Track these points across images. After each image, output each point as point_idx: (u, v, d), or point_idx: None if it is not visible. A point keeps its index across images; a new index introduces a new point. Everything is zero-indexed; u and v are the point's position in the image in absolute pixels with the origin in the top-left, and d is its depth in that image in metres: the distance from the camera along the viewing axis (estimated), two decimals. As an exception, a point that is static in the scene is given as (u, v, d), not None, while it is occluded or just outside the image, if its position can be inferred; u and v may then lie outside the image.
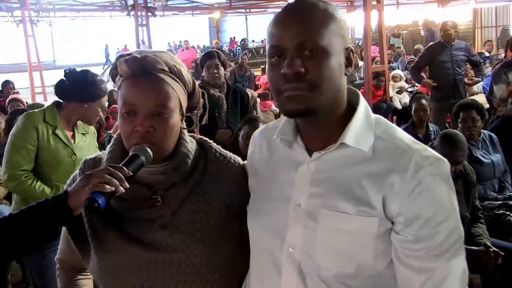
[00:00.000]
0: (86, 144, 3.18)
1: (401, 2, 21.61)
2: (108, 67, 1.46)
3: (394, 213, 1.17)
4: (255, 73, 13.43)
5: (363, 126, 1.24)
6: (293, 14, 1.20)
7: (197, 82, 1.54)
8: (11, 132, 3.03)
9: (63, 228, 1.56)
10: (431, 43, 7.87)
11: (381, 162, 1.20)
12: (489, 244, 3.30)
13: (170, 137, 1.40)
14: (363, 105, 1.28)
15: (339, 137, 1.22)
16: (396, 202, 1.16)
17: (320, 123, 1.26)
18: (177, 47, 29.78)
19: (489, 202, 3.92)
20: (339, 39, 1.20)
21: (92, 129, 3.35)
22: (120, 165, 1.30)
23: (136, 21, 12.12)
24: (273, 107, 9.47)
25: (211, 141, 1.59)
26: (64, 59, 31.50)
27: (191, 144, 1.50)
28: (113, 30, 33.57)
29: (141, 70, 1.35)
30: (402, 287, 1.22)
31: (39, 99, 14.54)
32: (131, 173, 1.29)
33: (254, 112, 5.17)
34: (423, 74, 7.17)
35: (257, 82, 12.38)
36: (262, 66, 15.84)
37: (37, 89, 14.96)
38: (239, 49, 23.90)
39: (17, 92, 8.31)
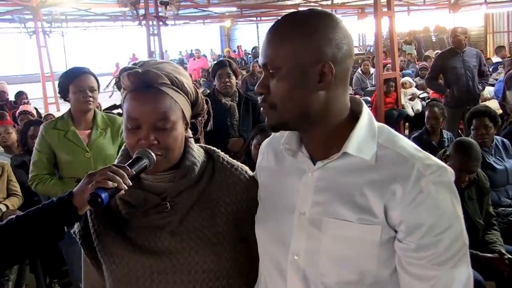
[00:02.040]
0: (106, 139, 3.47)
1: (412, 9, 21.60)
2: (112, 80, 1.49)
3: (396, 222, 1.17)
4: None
5: (365, 135, 1.25)
6: (266, 35, 1.26)
7: (201, 90, 1.57)
8: None
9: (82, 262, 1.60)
10: (443, 50, 7.83)
11: (383, 171, 1.20)
12: (503, 251, 3.27)
13: (175, 147, 1.43)
14: (366, 114, 1.28)
15: (342, 146, 1.23)
16: (398, 211, 1.16)
17: (316, 133, 1.27)
18: (189, 56, 29.91)
19: (503, 208, 3.90)
20: (303, 57, 1.20)
21: (118, 121, 3.57)
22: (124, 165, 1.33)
23: (148, 31, 12.19)
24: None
25: (219, 151, 1.61)
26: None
27: (198, 153, 1.53)
28: (126, 40, 33.79)
29: (143, 84, 1.38)
30: None
31: (52, 109, 14.67)
32: (134, 173, 1.31)
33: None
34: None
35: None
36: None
37: (50, 99, 15.10)
38: (250, 57, 23.94)
39: (28, 102, 8.35)
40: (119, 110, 5.91)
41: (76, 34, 31.17)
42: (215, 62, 4.73)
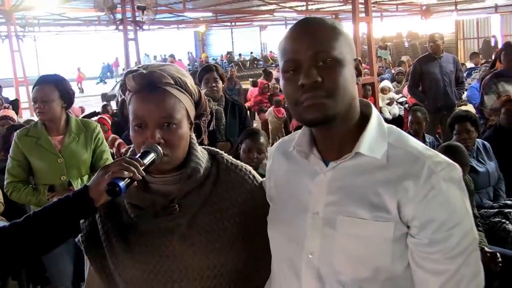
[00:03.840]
0: (79, 144, 3.51)
1: (385, 15, 21.90)
2: (118, 83, 1.51)
3: (409, 218, 1.21)
4: (243, 86, 13.49)
5: (376, 135, 1.29)
6: (304, 28, 1.27)
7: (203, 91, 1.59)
8: None
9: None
10: (421, 55, 7.95)
11: (395, 169, 1.24)
12: (487, 249, 3.33)
13: (180, 146, 1.46)
14: (376, 115, 1.33)
15: (353, 147, 1.27)
16: (411, 207, 1.20)
17: (335, 133, 1.30)
18: (163, 61, 29.73)
19: (485, 210, 3.97)
20: (349, 51, 1.27)
21: (92, 126, 3.62)
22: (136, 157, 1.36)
23: (125, 36, 12.10)
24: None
25: (222, 152, 1.64)
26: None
27: (202, 154, 1.55)
28: (99, 45, 33.52)
29: (148, 85, 1.42)
30: None
31: (26, 114, 14.47)
32: (146, 164, 1.34)
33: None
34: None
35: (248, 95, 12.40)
36: (250, 79, 15.88)
37: (24, 104, 14.88)
38: (225, 62, 23.99)
39: (8, 107, 8.21)
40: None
41: (49, 38, 30.80)
42: (202, 67, 4.73)
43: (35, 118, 3.79)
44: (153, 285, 1.47)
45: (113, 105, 9.29)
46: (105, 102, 10.26)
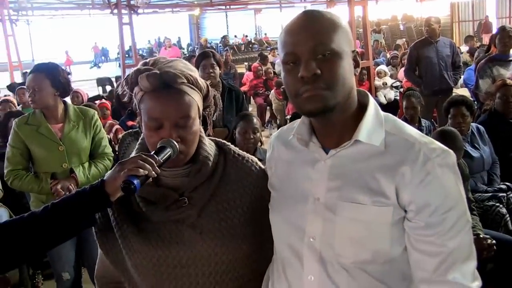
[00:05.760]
0: (79, 132, 3.54)
1: (381, -3, 21.79)
2: (123, 80, 1.53)
3: (406, 202, 1.26)
4: (238, 70, 13.46)
5: (374, 123, 1.34)
6: (303, 22, 1.31)
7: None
8: None
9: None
10: (417, 39, 7.94)
11: (392, 156, 1.29)
12: (482, 235, 3.38)
13: (194, 142, 1.50)
14: (373, 104, 1.38)
15: (352, 135, 1.32)
16: (408, 192, 1.25)
17: (334, 122, 1.35)
18: (158, 45, 29.62)
19: (480, 194, 4.01)
20: (347, 43, 1.31)
21: (90, 113, 3.65)
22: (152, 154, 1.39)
23: (120, 20, 12.01)
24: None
25: (229, 143, 1.68)
26: (43, 59, 31.08)
27: (210, 147, 1.59)
28: (92, 29, 33.31)
29: (163, 85, 1.43)
30: (415, 271, 1.30)
31: (21, 99, 14.36)
32: (161, 161, 1.37)
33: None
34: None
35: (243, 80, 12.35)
36: (245, 63, 15.82)
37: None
38: (220, 46, 23.89)
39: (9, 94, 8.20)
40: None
41: (42, 22, 30.58)
42: (199, 53, 4.72)
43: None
44: (162, 271, 1.51)
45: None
46: (110, 88, 10.14)
